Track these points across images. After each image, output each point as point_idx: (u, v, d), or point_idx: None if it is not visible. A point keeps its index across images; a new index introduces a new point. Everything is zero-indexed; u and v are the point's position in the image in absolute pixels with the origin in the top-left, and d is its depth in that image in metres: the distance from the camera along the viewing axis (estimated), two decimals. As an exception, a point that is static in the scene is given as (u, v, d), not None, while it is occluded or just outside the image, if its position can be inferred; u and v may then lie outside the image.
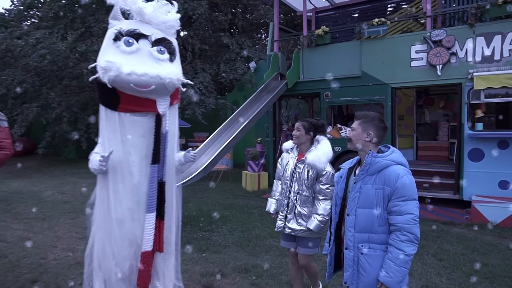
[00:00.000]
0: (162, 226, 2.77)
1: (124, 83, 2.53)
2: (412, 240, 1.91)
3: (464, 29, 6.37)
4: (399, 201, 1.93)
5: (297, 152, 2.99)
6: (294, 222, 2.88)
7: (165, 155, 2.74)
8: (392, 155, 2.04)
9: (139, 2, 2.67)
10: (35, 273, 3.43)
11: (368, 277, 1.99)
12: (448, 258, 4.24)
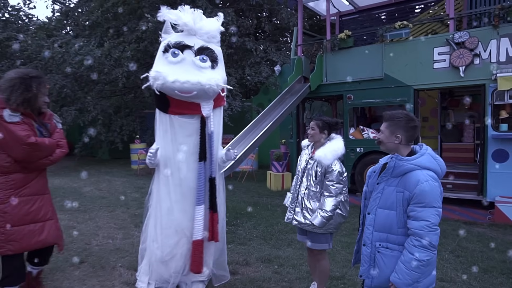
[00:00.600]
0: (216, 218, 3.17)
1: (169, 90, 2.96)
2: (426, 247, 1.92)
3: (488, 30, 6.39)
4: (417, 207, 1.96)
5: (312, 149, 3.12)
6: (301, 215, 3.01)
7: (212, 154, 3.15)
8: (418, 159, 2.03)
9: (184, 17, 3.06)
10: (81, 255, 3.87)
11: (383, 275, 2.07)
12: (466, 255, 4.35)
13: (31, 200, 2.74)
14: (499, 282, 3.65)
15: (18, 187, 2.68)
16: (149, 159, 3.16)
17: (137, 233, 4.75)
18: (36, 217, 2.76)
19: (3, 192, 2.63)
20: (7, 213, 2.61)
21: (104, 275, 3.47)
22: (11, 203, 2.63)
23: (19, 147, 2.58)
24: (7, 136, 2.57)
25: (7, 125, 2.56)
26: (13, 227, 2.63)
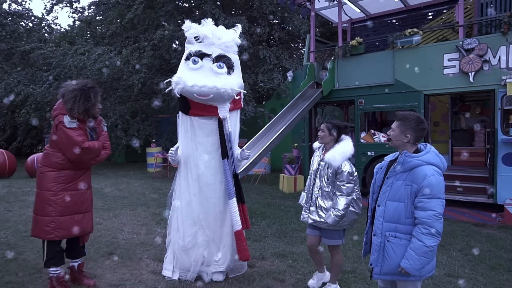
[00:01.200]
0: (245, 209, 3.50)
1: (189, 93, 3.30)
2: (433, 234, 2.11)
3: (497, 37, 6.55)
4: (424, 198, 2.14)
5: (323, 151, 3.29)
6: (316, 214, 3.19)
7: (233, 152, 3.48)
8: (425, 156, 2.23)
9: (204, 30, 3.42)
10: (110, 248, 4.18)
11: (392, 262, 2.24)
12: (474, 253, 4.50)
13: (78, 194, 3.08)
14: (505, 278, 3.81)
15: (68, 182, 3.03)
16: (170, 156, 3.49)
17: (159, 229, 5.05)
18: (80, 208, 3.10)
19: (56, 186, 2.98)
20: (58, 204, 2.96)
21: (132, 265, 3.76)
22: (64, 198, 2.97)
23: (74, 150, 2.93)
24: (65, 140, 2.93)
25: (66, 130, 2.92)
26: (62, 216, 2.96)
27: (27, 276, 3.33)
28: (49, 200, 2.95)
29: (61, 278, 3.01)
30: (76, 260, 3.24)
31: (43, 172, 3.02)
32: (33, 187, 7.55)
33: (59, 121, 2.94)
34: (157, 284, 3.32)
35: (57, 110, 3.01)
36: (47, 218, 2.94)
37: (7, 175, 9.82)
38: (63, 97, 2.99)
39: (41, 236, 2.98)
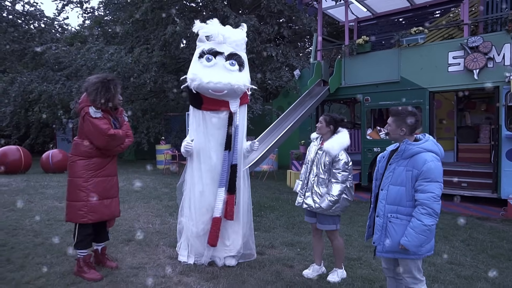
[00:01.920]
0: (232, 200, 3.65)
1: (204, 89, 3.52)
2: (431, 214, 2.30)
3: (501, 35, 6.66)
4: (424, 182, 2.33)
5: (320, 141, 3.49)
6: (311, 199, 3.37)
7: (236, 144, 3.67)
8: (424, 143, 2.42)
9: (215, 29, 3.64)
10: (128, 235, 4.43)
11: (393, 240, 2.44)
12: (476, 244, 4.66)
13: (106, 180, 3.33)
14: (505, 266, 3.97)
15: (97, 169, 3.28)
16: (187, 147, 3.69)
17: (172, 220, 5.29)
18: (109, 193, 3.35)
19: (86, 173, 3.23)
20: (89, 190, 3.20)
21: (150, 250, 3.99)
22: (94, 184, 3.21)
23: (101, 137, 3.18)
24: (92, 128, 3.17)
25: (92, 120, 3.16)
26: (93, 201, 3.21)
27: (54, 258, 3.59)
28: (80, 186, 3.19)
29: (87, 259, 3.25)
30: (100, 244, 3.48)
31: (74, 161, 3.27)
32: (50, 181, 7.90)
33: (85, 112, 3.18)
34: (174, 268, 3.55)
35: (82, 103, 3.25)
36: (80, 203, 3.19)
37: (23, 170, 10.15)
38: (86, 90, 3.24)
39: (75, 220, 3.23)
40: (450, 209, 6.46)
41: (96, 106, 3.18)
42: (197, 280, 3.32)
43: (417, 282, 2.48)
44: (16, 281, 3.06)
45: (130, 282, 3.16)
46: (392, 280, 2.71)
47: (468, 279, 3.56)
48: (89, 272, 3.19)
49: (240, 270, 3.61)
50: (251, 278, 3.43)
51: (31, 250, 3.77)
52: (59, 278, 3.15)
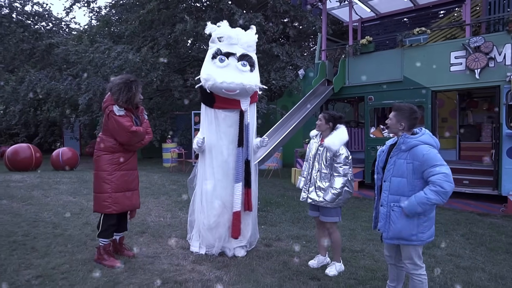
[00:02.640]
0: (250, 193, 3.88)
1: (218, 89, 3.72)
2: (438, 192, 2.41)
3: (503, 35, 6.81)
4: (430, 168, 2.47)
5: (320, 138, 3.65)
6: (314, 194, 3.52)
7: (248, 140, 3.87)
8: (421, 137, 2.59)
9: (227, 31, 3.84)
10: (141, 228, 4.65)
11: (396, 228, 2.61)
12: (475, 238, 4.83)
13: (128, 174, 3.55)
14: (503, 258, 4.14)
15: (120, 163, 3.50)
16: (198, 145, 3.89)
17: (182, 214, 5.50)
18: (130, 186, 3.58)
19: (110, 166, 3.45)
20: (113, 182, 3.43)
21: (163, 241, 4.21)
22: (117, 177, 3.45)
23: (124, 134, 3.40)
24: (116, 125, 3.39)
25: (116, 118, 3.38)
26: (116, 193, 3.44)
27: (75, 247, 3.82)
28: (105, 179, 3.42)
29: (107, 247, 3.48)
30: (119, 234, 3.70)
31: (99, 156, 3.50)
32: (62, 177, 8.15)
33: (110, 111, 3.40)
34: (186, 257, 3.76)
35: (107, 102, 3.47)
36: (104, 195, 3.42)
37: (34, 167, 10.41)
38: (110, 90, 3.46)
39: (101, 210, 3.46)
40: (451, 205, 6.62)
41: (119, 105, 3.39)
42: (209, 268, 3.52)
43: (418, 268, 2.65)
44: (43, 267, 3.28)
45: (147, 269, 3.36)
46: (393, 267, 2.89)
47: (466, 269, 3.74)
48: (108, 260, 3.41)
49: (249, 260, 3.81)
50: (260, 267, 3.62)
51: (52, 240, 4.00)
52: (81, 264, 3.36)
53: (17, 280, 2.98)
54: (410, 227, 2.59)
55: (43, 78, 14.07)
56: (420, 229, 2.59)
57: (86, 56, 12.89)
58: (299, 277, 3.43)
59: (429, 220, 2.62)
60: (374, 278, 3.45)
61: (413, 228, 2.59)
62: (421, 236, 2.59)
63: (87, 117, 13.66)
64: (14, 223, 4.54)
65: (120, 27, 14.29)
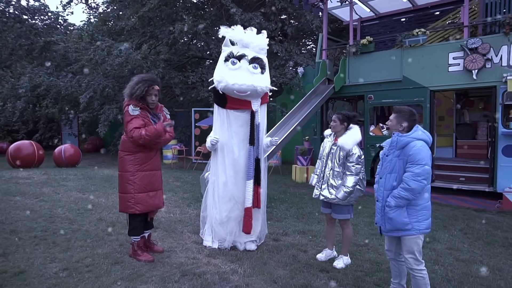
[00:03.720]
0: (259, 190, 4.03)
1: (230, 90, 3.89)
2: (406, 189, 2.69)
3: (499, 37, 7.04)
4: (409, 164, 2.72)
5: (334, 137, 3.79)
6: (327, 191, 3.68)
7: (259, 139, 4.04)
8: (413, 133, 2.77)
9: (240, 34, 3.99)
10: (154, 224, 4.76)
11: (389, 219, 2.80)
12: (473, 232, 5.07)
13: (151, 174, 3.64)
14: (499, 251, 4.37)
15: (142, 163, 3.59)
16: (213, 142, 4.06)
17: (191, 210, 5.67)
18: (153, 186, 3.67)
19: (133, 167, 3.55)
20: (136, 183, 3.53)
21: (176, 236, 4.38)
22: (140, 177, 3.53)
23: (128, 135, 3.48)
24: (125, 125, 3.50)
25: (127, 117, 3.49)
26: (140, 193, 3.54)
27: (94, 242, 3.98)
28: (128, 180, 3.53)
29: (140, 243, 3.64)
30: (146, 231, 3.83)
31: (122, 157, 3.60)
32: (67, 174, 8.28)
33: (125, 111, 3.51)
34: (201, 251, 3.93)
35: (125, 103, 3.59)
36: (128, 195, 3.53)
37: (36, 164, 10.49)
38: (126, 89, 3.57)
39: (125, 210, 3.58)
40: (448, 202, 6.86)
41: (134, 104, 3.50)
42: (223, 261, 3.70)
43: (418, 264, 2.81)
44: (67, 260, 3.44)
45: (166, 263, 3.54)
46: (394, 263, 3.06)
47: (465, 262, 3.96)
48: (142, 255, 3.57)
49: (260, 254, 4.00)
50: (271, 261, 3.81)
51: (71, 235, 4.15)
52: (103, 258, 3.52)
53: (46, 273, 3.14)
54: (402, 216, 2.77)
55: (42, 74, 14.10)
56: (414, 218, 2.77)
57: (86, 54, 12.95)
58: (309, 270, 3.62)
59: (424, 210, 2.78)
60: (380, 270, 3.66)
61: (405, 216, 2.77)
62: (417, 225, 2.76)
63: (88, 114, 13.73)
64: (31, 219, 4.68)
65: (118, 23, 14.28)
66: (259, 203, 4.11)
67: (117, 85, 13.03)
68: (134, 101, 3.52)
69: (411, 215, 2.78)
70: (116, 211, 5.06)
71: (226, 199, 4.09)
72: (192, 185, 7.88)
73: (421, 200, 2.78)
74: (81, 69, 13.76)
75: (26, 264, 3.30)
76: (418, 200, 2.77)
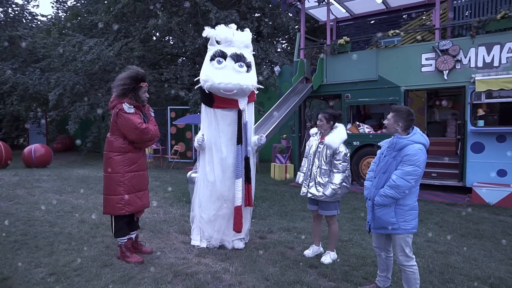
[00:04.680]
0: (250, 188, 4.06)
1: (216, 89, 3.88)
2: (392, 186, 2.77)
3: (468, 40, 7.41)
4: (402, 164, 2.78)
5: (320, 136, 3.89)
6: (314, 188, 3.76)
7: (247, 138, 4.04)
8: (412, 136, 2.81)
9: (224, 32, 3.98)
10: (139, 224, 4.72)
11: (377, 217, 2.90)
12: (448, 225, 5.34)
13: (139, 174, 3.60)
14: (472, 243, 4.64)
15: (132, 164, 3.53)
16: (198, 143, 4.04)
17: (174, 210, 5.61)
18: (142, 186, 3.63)
19: (123, 168, 3.47)
20: (126, 184, 3.47)
21: (163, 237, 4.32)
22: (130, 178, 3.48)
23: (134, 132, 3.43)
24: (125, 123, 3.41)
25: (126, 115, 3.40)
26: (130, 194, 3.48)
27: (79, 245, 3.86)
28: (118, 181, 3.44)
29: (128, 245, 3.57)
30: (133, 232, 3.76)
31: (110, 157, 3.50)
32: (40, 175, 7.94)
33: (119, 109, 3.40)
34: (190, 251, 3.91)
35: (114, 101, 3.48)
36: (117, 197, 3.44)
37: (3, 165, 9.99)
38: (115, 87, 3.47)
39: (113, 212, 3.49)
40: (422, 197, 7.17)
41: (128, 102, 3.42)
42: (213, 260, 3.70)
43: (409, 260, 2.90)
44: (53, 264, 3.32)
45: (156, 264, 3.49)
46: (382, 258, 3.15)
47: (443, 253, 4.17)
48: (131, 256, 3.50)
49: (249, 252, 4.03)
50: (260, 259, 3.85)
51: (54, 238, 4.00)
52: (91, 261, 3.43)
53: (32, 278, 3.02)
54: (389, 216, 2.86)
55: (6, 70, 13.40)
56: (401, 218, 2.84)
57: (55, 50, 12.43)
58: (298, 266, 3.70)
59: (412, 210, 2.87)
60: (365, 265, 3.79)
61: (392, 216, 2.85)
62: (404, 225, 2.84)
63: (58, 112, 13.20)
64: (9, 222, 4.47)
65: (91, 18, 13.81)
66: (250, 201, 4.13)
67: (89, 82, 12.61)
68: (128, 99, 3.45)
69: (399, 215, 2.84)
70: (98, 212, 4.93)
71: (214, 198, 4.09)
72: (171, 184, 7.79)
73: (408, 200, 2.84)
74: (49, 65, 13.20)
75: (10, 270, 3.17)
76: (406, 200, 2.84)
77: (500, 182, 7.03)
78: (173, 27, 11.61)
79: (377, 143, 3.26)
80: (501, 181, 7.06)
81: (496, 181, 7.07)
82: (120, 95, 3.44)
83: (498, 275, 3.59)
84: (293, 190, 7.96)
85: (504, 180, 7.06)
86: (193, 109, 12.04)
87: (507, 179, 7.05)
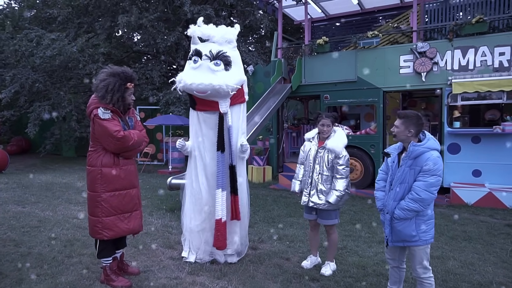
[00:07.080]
0: (237, 200, 3.70)
1: (189, 91, 3.60)
2: (415, 199, 2.60)
3: (444, 43, 7.55)
4: (423, 174, 2.61)
5: (318, 140, 3.68)
6: (316, 197, 3.54)
7: (231, 145, 3.70)
8: (427, 143, 2.68)
9: (204, 29, 3.67)
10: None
11: (397, 230, 2.74)
12: (435, 228, 5.31)
13: (123, 194, 3.10)
14: (464, 245, 4.63)
15: (110, 181, 3.02)
16: (178, 146, 3.79)
17: (155, 220, 5.19)
18: (127, 207, 3.12)
19: (101, 186, 2.99)
20: (103, 205, 3.00)
21: (148, 253, 3.92)
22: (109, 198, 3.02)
23: (111, 141, 2.96)
24: (101, 131, 2.95)
25: (101, 122, 2.93)
26: (109, 217, 3.02)
27: (53, 268, 3.36)
28: (95, 201, 3.00)
29: (113, 266, 3.13)
30: (118, 251, 3.31)
31: (88, 173, 3.07)
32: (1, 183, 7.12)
33: (94, 115, 2.96)
34: (181, 269, 3.56)
35: (92, 105, 3.02)
36: (95, 219, 3.01)
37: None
38: (96, 88, 3.01)
39: (93, 235, 3.07)
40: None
41: (104, 106, 2.99)
42: (209, 278, 3.38)
43: (427, 272, 2.79)
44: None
45: (146, 286, 3.11)
46: (395, 270, 3.00)
47: (440, 258, 4.11)
48: (117, 280, 3.07)
49: (245, 266, 3.74)
50: (258, 273, 3.58)
51: (21, 262, 3.47)
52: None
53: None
54: (410, 229, 2.71)
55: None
56: (421, 229, 2.73)
57: (10, 45, 11.39)
58: (299, 280, 3.47)
59: (430, 220, 2.76)
60: (367, 275, 3.63)
61: (413, 229, 2.71)
62: (424, 236, 2.73)
63: (13, 112, 12.10)
64: (-37, 243, 3.87)
65: (49, 11, 12.79)
66: (237, 214, 3.75)
67: (49, 80, 11.68)
68: (104, 103, 2.99)
69: (419, 227, 2.72)
70: (70, 226, 4.42)
71: (199, 207, 3.76)
72: (145, 190, 7.31)
73: (429, 210, 2.74)
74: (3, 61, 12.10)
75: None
76: (426, 211, 2.72)
77: (475, 182, 7.21)
78: (145, 24, 10.99)
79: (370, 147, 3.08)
80: (476, 181, 7.25)
81: (471, 181, 7.25)
82: (101, 96, 2.99)
83: (499, 280, 3.56)
84: (274, 193, 7.74)
85: (479, 180, 7.26)
86: (164, 109, 11.50)
87: (481, 179, 7.25)
